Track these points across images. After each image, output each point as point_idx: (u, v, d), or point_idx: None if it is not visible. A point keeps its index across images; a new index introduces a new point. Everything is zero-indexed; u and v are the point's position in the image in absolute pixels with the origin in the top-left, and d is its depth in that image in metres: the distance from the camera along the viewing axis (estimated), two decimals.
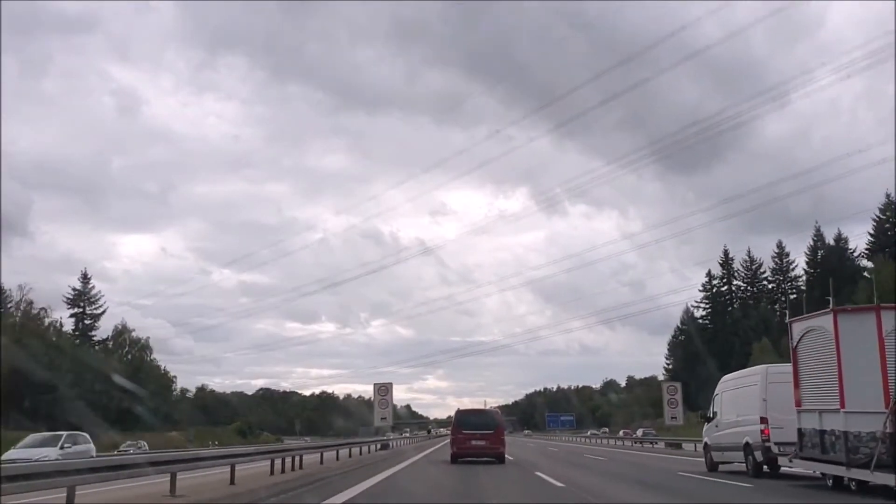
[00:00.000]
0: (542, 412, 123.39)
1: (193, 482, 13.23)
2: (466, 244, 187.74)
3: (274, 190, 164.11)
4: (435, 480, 15.75)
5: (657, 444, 45.08)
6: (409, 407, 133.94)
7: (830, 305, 11.81)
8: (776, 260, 74.62)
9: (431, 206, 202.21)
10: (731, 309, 74.77)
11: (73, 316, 68.16)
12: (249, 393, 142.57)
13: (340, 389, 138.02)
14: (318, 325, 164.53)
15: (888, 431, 10.22)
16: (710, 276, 76.95)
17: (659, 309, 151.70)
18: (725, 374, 19.02)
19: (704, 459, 18.60)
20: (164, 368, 74.15)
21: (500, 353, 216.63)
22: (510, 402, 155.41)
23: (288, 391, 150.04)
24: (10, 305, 59.63)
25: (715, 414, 17.97)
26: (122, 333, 68.82)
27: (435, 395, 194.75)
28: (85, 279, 69.06)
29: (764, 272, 75.30)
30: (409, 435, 71.53)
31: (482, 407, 29.63)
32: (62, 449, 19.91)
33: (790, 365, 13.26)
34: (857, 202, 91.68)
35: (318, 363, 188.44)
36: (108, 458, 14.39)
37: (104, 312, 69.52)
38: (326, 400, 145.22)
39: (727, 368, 23.57)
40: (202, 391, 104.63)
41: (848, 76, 39.60)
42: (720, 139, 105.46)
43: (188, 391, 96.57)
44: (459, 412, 22.68)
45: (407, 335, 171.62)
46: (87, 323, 68.79)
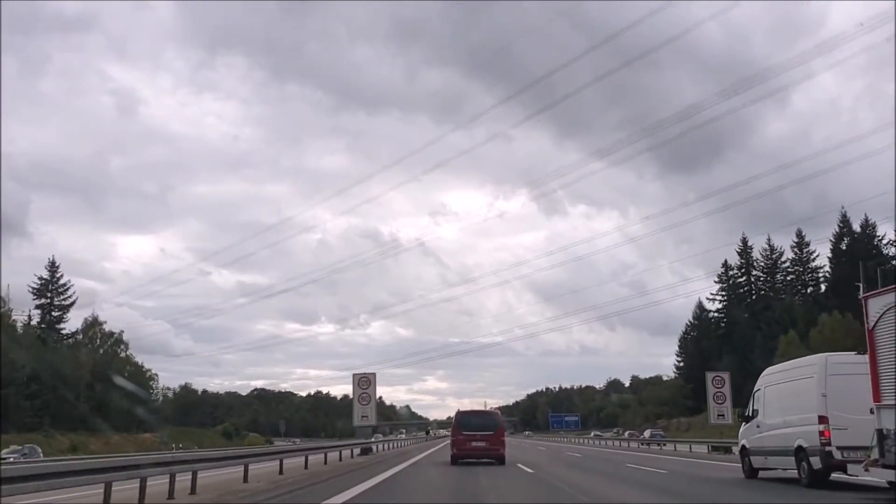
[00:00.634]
0: (544, 412, 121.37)
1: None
2: (466, 244, 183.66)
3: (273, 190, 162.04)
4: None
5: (665, 445, 42.70)
6: (408, 407, 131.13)
7: (861, 292, 9.01)
8: (795, 250, 69.77)
9: (431, 206, 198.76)
10: (749, 301, 69.91)
11: (38, 307, 63.07)
12: (244, 394, 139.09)
13: (339, 390, 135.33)
14: (317, 325, 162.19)
15: None
16: (726, 265, 72.14)
17: (658, 307, 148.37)
18: (749, 369, 15.37)
19: (741, 465, 16.01)
20: (141, 364, 69.96)
21: (500, 353, 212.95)
22: (510, 402, 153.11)
23: (284, 392, 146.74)
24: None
25: (755, 412, 15.48)
26: (92, 326, 64.15)
27: (435, 395, 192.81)
28: (53, 267, 63.93)
29: (784, 262, 70.40)
30: (404, 436, 66.84)
31: (482, 408, 30.69)
32: None
33: (852, 355, 12.24)
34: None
35: (317, 364, 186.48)
36: None
37: (73, 304, 64.51)
38: (322, 400, 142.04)
39: (749, 364, 19.59)
40: (186, 389, 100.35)
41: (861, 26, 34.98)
42: (720, 139, 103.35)
43: (170, 389, 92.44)
44: (459, 413, 22.98)
45: (406, 335, 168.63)
46: (54, 315, 63.70)
